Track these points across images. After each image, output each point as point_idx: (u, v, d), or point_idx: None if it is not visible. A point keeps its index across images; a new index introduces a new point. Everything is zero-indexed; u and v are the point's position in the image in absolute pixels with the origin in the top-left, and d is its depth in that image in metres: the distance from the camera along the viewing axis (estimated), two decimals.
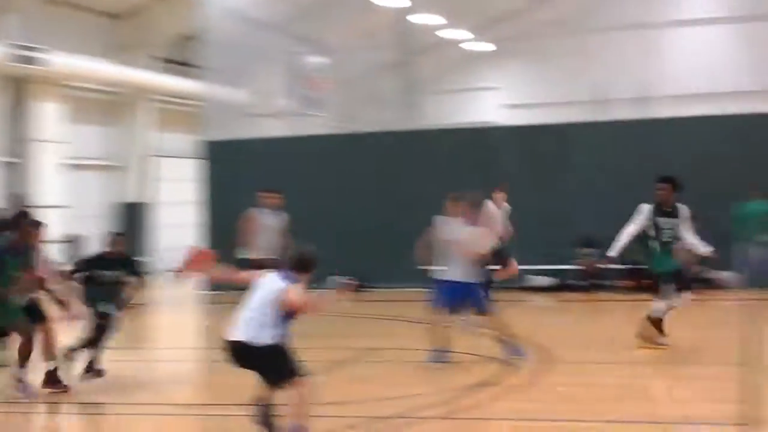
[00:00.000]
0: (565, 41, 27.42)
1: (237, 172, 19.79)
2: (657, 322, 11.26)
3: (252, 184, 19.51)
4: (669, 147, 17.54)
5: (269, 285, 7.09)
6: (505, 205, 14.09)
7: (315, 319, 7.59)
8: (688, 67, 29.08)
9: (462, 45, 31.78)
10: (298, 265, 7.19)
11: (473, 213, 10.92)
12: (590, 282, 17.84)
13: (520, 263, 17.99)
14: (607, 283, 17.76)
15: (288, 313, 7.01)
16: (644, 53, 30.04)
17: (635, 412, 8.53)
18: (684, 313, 12.91)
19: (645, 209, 11.16)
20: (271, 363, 6.98)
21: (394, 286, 16.90)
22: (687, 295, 11.23)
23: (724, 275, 17.06)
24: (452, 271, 10.52)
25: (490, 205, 13.54)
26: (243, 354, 7.04)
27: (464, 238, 10.58)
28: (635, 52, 29.74)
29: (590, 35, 27.28)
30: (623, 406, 8.73)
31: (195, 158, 24.69)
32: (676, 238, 11.16)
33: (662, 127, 19.04)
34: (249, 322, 7.04)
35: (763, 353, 11.19)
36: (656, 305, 11.21)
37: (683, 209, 11.16)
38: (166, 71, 26.56)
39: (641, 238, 11.21)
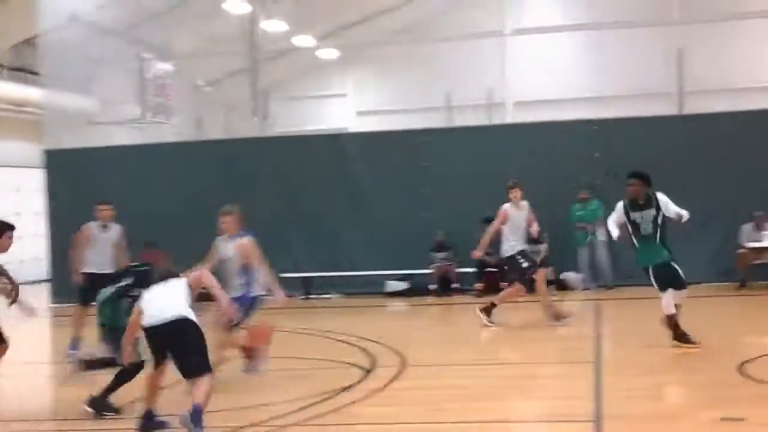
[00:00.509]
0: (413, 49, 27.74)
1: (80, 182, 19.16)
2: (671, 319, 10.96)
3: (96, 194, 19.00)
4: (516, 152, 17.90)
5: None
6: (524, 203, 13.74)
7: None
8: (534, 74, 29.88)
9: (311, 52, 31.69)
10: None
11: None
12: (443, 285, 18.02)
13: (374, 269, 18.24)
14: (460, 286, 18.01)
15: None
16: (490, 61, 30.70)
17: (490, 412, 8.60)
18: (540, 315, 13.24)
19: (619, 207, 11.17)
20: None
21: None
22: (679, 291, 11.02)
23: (571, 276, 17.61)
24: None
25: (507, 207, 13.43)
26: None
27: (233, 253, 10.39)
28: (481, 59, 30.38)
29: (437, 44, 27.69)
30: (478, 406, 8.80)
31: (36, 168, 23.81)
32: (660, 226, 11.04)
33: (509, 132, 19.46)
34: None
35: (608, 350, 11.54)
36: (664, 302, 10.95)
37: (660, 196, 11.07)
38: (5, 78, 25.49)
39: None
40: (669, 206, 11.07)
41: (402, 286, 18.25)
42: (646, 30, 25.87)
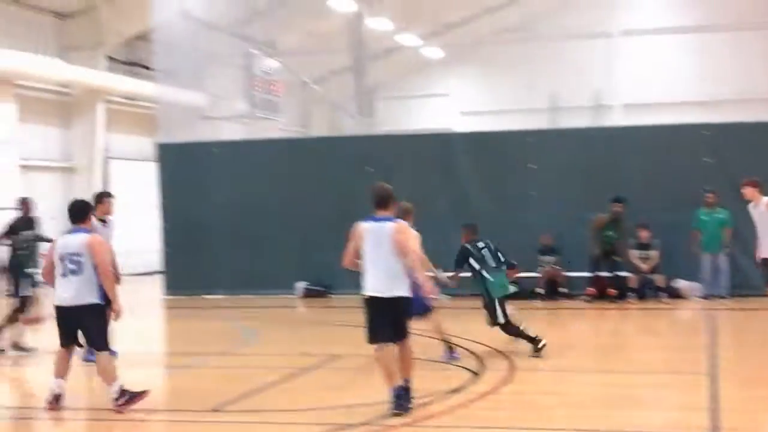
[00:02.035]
0: (517, 49, 27.61)
1: (191, 175, 19.57)
2: None
3: (206, 187, 19.46)
4: (621, 156, 17.66)
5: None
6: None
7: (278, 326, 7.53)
8: (641, 76, 29.48)
9: (415, 51, 31.82)
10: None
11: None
12: (551, 289, 17.83)
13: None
14: (568, 290, 17.81)
15: None
16: (597, 62, 30.36)
17: (601, 420, 8.55)
18: (650, 322, 13.03)
19: None
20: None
21: (356, 292, 16.77)
22: None
23: (683, 284, 17.18)
24: None
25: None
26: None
27: None
28: (588, 61, 30.07)
29: (542, 44, 27.51)
30: (588, 414, 8.75)
31: (148, 161, 24.41)
32: None
33: (615, 135, 19.19)
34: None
35: (725, 361, 11.32)
36: None
37: None
38: (120, 72, 26.23)
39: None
40: None
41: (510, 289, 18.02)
42: (757, 33, 25.30)
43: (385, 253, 8.56)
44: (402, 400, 8.58)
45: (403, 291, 8.65)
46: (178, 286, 19.32)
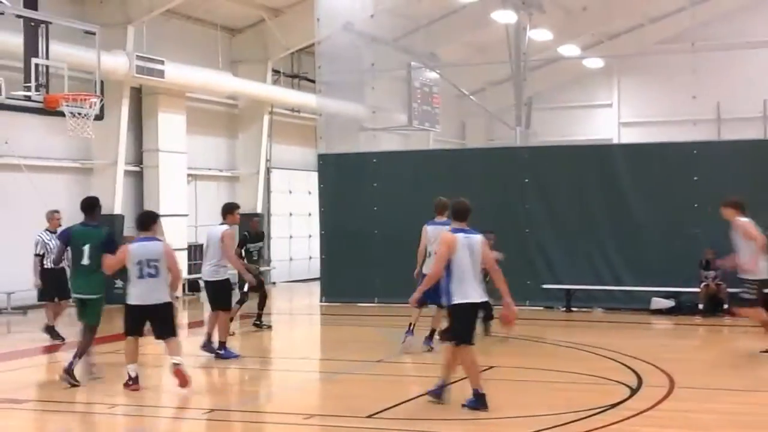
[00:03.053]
0: (680, 58, 26.86)
1: (350, 185, 19.90)
2: None
3: (365, 197, 19.74)
4: None
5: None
6: None
7: None
8: None
9: (576, 61, 31.43)
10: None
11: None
12: (712, 305, 17.28)
13: (639, 284, 17.77)
14: (731, 306, 17.21)
15: None
16: (765, 72, 29.25)
17: None
18: None
19: None
20: None
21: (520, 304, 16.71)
22: None
23: None
24: None
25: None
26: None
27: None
28: (755, 70, 29.01)
29: (706, 53, 26.68)
30: None
31: (307, 170, 24.97)
32: None
33: None
34: None
35: None
36: None
37: None
38: (284, 84, 26.94)
39: None
40: None
41: (668, 303, 17.59)
42: None
43: (476, 263, 9.38)
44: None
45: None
46: (333, 293, 19.69)
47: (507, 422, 8.77)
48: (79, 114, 15.76)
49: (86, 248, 10.85)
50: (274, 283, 25.39)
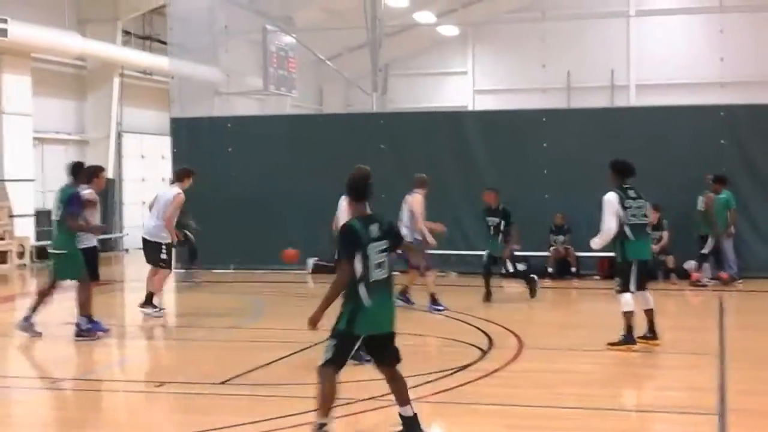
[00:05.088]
0: (533, 28, 27.42)
1: (204, 150, 19.59)
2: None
3: (220, 162, 19.48)
4: (639, 136, 17.54)
5: None
6: None
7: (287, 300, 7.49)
8: (658, 57, 29.28)
9: (431, 28, 31.66)
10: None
11: None
12: (562, 269, 17.82)
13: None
14: (578, 270, 17.80)
15: None
16: (613, 42, 30.17)
17: (609, 399, 8.57)
18: (659, 303, 12.98)
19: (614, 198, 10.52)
20: None
21: None
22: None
23: (691, 265, 17.13)
24: None
25: None
26: None
27: None
28: (604, 40, 29.87)
29: (559, 23, 27.32)
30: (596, 393, 8.76)
31: (161, 135, 24.40)
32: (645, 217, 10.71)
33: (632, 115, 19.11)
34: None
35: (732, 342, 11.28)
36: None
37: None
38: (135, 46, 26.22)
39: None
40: None
41: (519, 267, 18.03)
42: None
43: None
44: None
45: None
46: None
47: (355, 386, 8.80)
48: None
49: None
50: (126, 250, 24.83)
